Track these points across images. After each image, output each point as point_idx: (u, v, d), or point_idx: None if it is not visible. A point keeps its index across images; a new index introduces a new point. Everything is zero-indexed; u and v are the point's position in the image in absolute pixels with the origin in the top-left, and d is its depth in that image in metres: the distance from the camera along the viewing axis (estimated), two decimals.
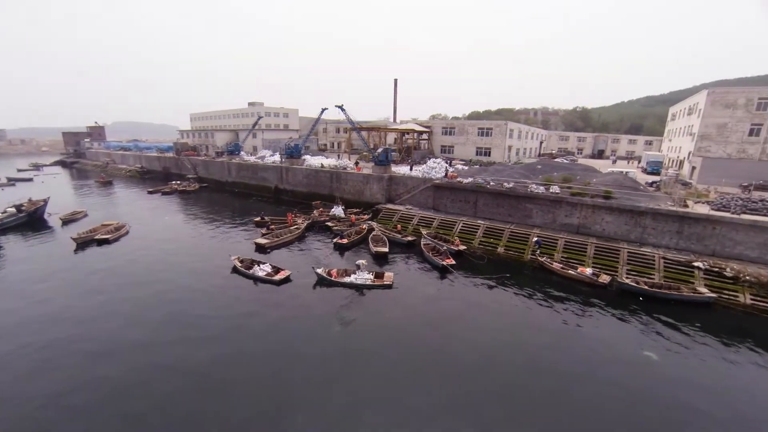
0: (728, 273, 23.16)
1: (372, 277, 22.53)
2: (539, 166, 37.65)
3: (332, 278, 22.50)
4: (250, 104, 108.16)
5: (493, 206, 32.85)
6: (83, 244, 30.54)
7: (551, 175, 33.40)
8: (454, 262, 25.63)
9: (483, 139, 56.91)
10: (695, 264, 24.16)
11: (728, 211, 25.31)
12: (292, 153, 49.44)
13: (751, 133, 43.00)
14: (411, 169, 40.60)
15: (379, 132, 59.17)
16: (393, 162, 43.03)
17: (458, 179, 35.06)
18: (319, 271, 22.79)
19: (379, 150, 39.99)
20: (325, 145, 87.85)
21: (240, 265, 24.70)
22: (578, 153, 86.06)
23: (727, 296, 21.96)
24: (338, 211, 38.16)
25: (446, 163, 41.50)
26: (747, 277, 22.59)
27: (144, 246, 30.50)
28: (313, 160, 50.18)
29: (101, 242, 31.10)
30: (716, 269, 23.58)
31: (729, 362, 16.57)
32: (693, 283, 23.17)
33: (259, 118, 61.69)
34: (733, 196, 28.47)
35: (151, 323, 18.56)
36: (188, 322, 18.75)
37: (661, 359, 16.73)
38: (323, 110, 48.15)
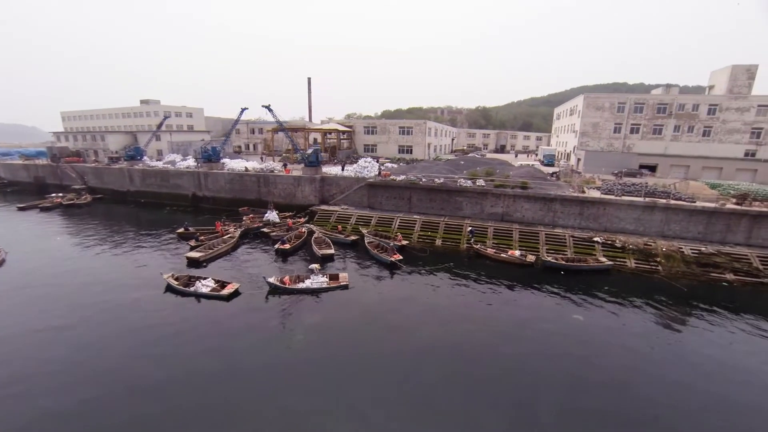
0: (618, 244, 28.56)
1: (327, 279, 22.27)
2: (462, 162, 41.14)
3: (286, 286, 21.61)
4: (143, 102, 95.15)
5: (426, 201, 34.89)
6: None
7: (475, 170, 36.83)
8: (401, 258, 26.68)
9: (405, 138, 59.63)
10: (595, 239, 29.21)
11: (613, 195, 31.12)
12: (210, 157, 45.27)
13: (615, 131, 53.04)
14: (343, 169, 40.64)
15: (305, 132, 57.66)
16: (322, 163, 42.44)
17: (392, 177, 36.34)
18: (270, 280, 21.66)
19: (310, 151, 39.16)
20: (240, 147, 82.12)
21: (176, 283, 22.11)
22: (484, 148, 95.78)
23: (619, 263, 27.09)
24: (272, 216, 36.40)
25: (376, 162, 42.54)
26: (631, 246, 28.16)
27: (35, 275, 25.06)
28: (235, 164, 46.72)
29: None
30: (609, 242, 28.86)
31: (628, 311, 20.72)
32: (595, 254, 28.01)
33: (165, 117, 54.78)
34: (614, 182, 34.94)
35: (79, 374, 15.21)
36: (130, 363, 15.96)
37: (586, 319, 20.09)
38: (243, 110, 45.07)
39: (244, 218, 37.26)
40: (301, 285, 21.86)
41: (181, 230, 33.51)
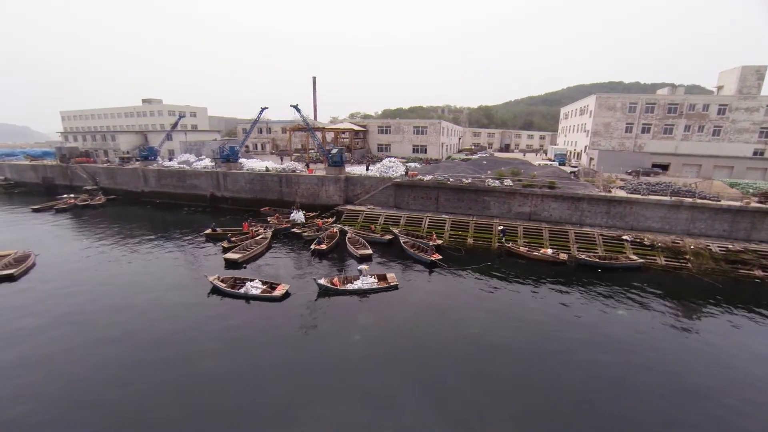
0: (647, 242, 29.25)
1: (376, 280, 22.51)
2: (485, 162, 41.61)
3: (336, 287, 21.79)
4: (145, 101, 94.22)
5: (454, 201, 35.28)
6: None
7: (500, 170, 37.31)
8: (441, 257, 27.00)
9: (419, 137, 60.01)
10: (623, 237, 29.86)
11: (639, 194, 31.82)
12: (229, 157, 45.10)
13: (626, 130, 53.95)
14: (368, 169, 40.84)
15: (323, 132, 57.57)
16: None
17: (419, 177, 36.66)
18: (321, 281, 21.81)
19: (334, 150, 39.26)
20: (248, 146, 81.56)
21: (223, 285, 22.15)
22: (489, 147, 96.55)
23: (649, 260, 27.76)
24: (299, 216, 36.49)
25: (401, 162, 42.80)
26: (659, 245, 28.86)
27: (71, 278, 24.74)
28: (252, 164, 46.62)
29: (1, 279, 24.48)
30: (638, 240, 29.53)
31: (672, 307, 21.31)
32: (625, 252, 28.64)
33: (180, 117, 54.15)
34: (638, 181, 35.63)
35: (139, 386, 14.75)
36: (194, 364, 16.05)
37: (629, 314, 20.69)
38: (263, 109, 44.95)
39: (269, 218, 37.34)
40: (350, 286, 22.05)
41: (208, 231, 33.49)
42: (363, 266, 23.00)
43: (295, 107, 40.08)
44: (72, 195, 50.30)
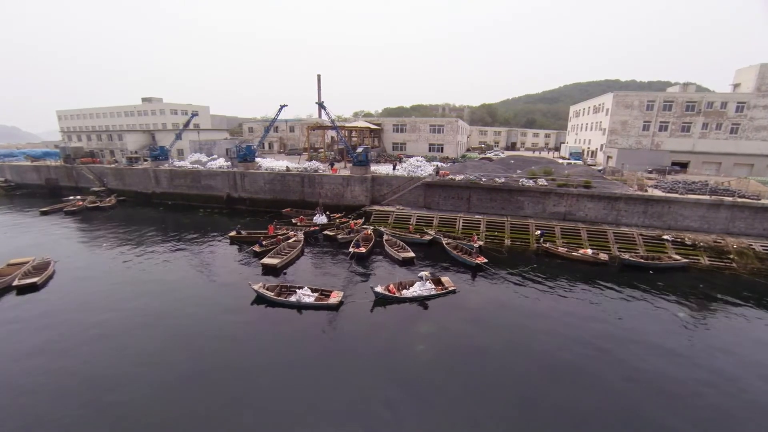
0: (688, 242, 28.92)
1: (433, 285, 21.70)
2: (512, 161, 41.02)
3: (394, 295, 20.86)
4: (144, 100, 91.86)
5: (486, 201, 34.60)
6: None
7: (532, 169, 36.75)
8: (486, 260, 26.25)
9: (435, 136, 59.24)
10: (664, 237, 29.50)
11: (677, 193, 31.48)
12: (246, 156, 43.81)
13: (644, 128, 53.85)
14: (394, 168, 39.96)
15: (345, 130, 56.52)
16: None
17: (450, 176, 35.90)
18: (378, 289, 20.78)
19: (360, 150, 38.27)
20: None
21: (270, 294, 21.07)
22: (496, 146, 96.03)
23: (692, 260, 27.40)
24: (322, 218, 35.50)
25: (427, 161, 41.99)
26: (702, 244, 28.55)
27: (98, 288, 23.19)
28: (271, 163, 45.38)
29: (25, 289, 23.03)
30: (679, 240, 29.18)
31: (724, 307, 20.90)
32: (667, 252, 28.28)
33: (193, 115, 52.33)
34: (675, 180, 35.35)
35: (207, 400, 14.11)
36: (257, 386, 15.19)
37: (689, 317, 20.21)
38: (282, 107, 43.59)
39: (294, 220, 36.28)
40: (406, 293, 21.13)
41: (233, 233, 32.32)
42: (424, 272, 22.18)
43: (321, 104, 38.94)
44: (79, 197, 48.55)
